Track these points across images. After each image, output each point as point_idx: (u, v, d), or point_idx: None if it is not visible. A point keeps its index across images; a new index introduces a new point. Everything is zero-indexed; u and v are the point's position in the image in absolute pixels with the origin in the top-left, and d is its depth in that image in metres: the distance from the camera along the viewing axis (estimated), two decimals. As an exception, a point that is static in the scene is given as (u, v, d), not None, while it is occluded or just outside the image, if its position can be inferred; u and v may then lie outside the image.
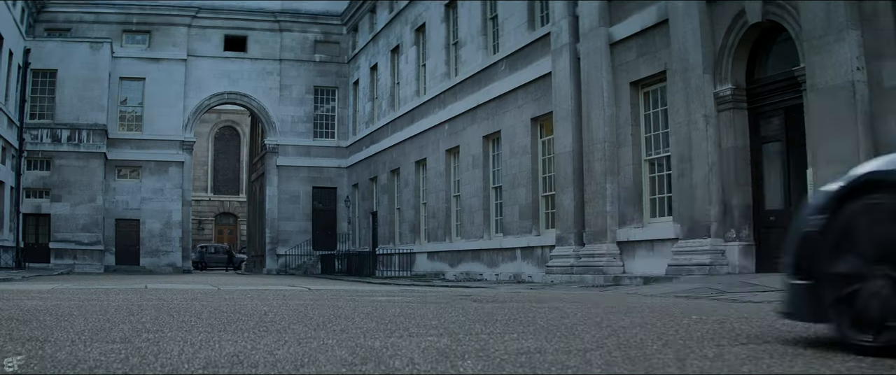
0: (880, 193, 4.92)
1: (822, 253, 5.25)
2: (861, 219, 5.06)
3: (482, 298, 12.96)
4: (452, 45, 36.08)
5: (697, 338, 6.09)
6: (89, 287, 16.82)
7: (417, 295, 14.61)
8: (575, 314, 9.15)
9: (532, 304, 11.18)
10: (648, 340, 5.98)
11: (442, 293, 16.15)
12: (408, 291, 16.18)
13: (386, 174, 44.20)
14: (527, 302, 11.98)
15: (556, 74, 24.97)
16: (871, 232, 4.96)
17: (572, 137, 23.92)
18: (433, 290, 18.05)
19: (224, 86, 53.10)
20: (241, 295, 13.30)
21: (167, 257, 51.07)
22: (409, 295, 14.28)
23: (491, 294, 15.46)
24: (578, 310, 9.87)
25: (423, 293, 15.92)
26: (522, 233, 28.02)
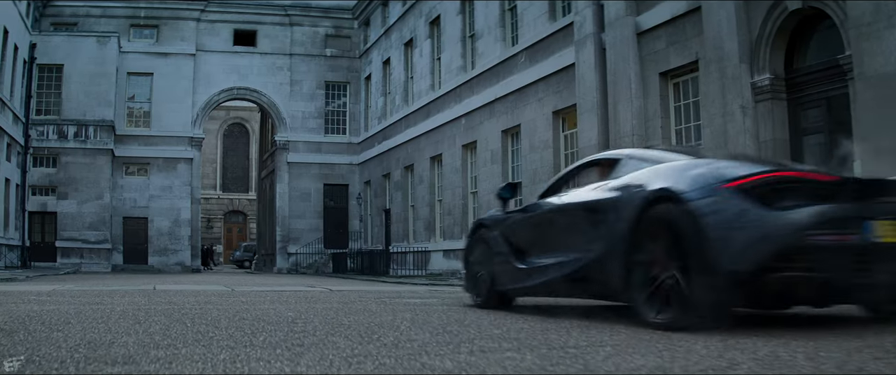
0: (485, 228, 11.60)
1: (469, 252, 11.37)
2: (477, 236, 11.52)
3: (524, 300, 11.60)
4: (469, 37, 35.41)
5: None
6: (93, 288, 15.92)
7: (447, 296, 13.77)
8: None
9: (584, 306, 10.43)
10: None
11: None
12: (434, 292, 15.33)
13: (399, 170, 43.56)
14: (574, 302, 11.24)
15: (580, 65, 24.25)
16: (476, 242, 11.41)
17: (598, 130, 23.18)
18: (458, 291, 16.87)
19: (233, 81, 52.45)
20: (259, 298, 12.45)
21: (176, 256, 50.40)
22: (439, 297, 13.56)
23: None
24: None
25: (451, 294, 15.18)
26: (544, 231, 27.24)
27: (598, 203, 8.69)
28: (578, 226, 9.22)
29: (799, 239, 6.63)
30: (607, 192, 8.64)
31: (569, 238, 9.40)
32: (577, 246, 9.03)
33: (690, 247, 7.08)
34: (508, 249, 10.84)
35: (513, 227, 11.02)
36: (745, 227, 6.85)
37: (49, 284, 18.84)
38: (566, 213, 9.75)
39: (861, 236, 6.70)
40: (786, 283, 6.84)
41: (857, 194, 7.02)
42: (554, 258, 9.61)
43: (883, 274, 6.75)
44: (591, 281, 8.78)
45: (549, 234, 10.18)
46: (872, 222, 6.75)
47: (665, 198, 7.51)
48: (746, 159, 8.86)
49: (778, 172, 7.17)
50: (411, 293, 15.05)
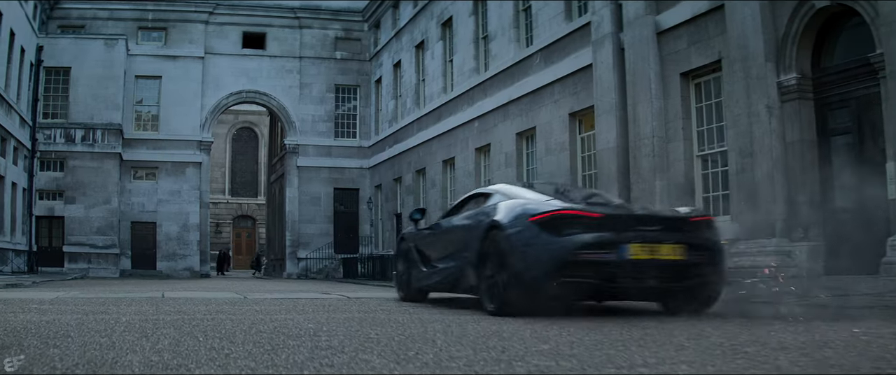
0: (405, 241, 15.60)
1: (396, 259, 15.01)
2: (400, 247, 15.51)
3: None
4: (482, 38, 35.03)
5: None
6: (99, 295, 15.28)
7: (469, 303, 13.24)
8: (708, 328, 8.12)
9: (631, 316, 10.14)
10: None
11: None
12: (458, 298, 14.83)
13: (411, 174, 43.20)
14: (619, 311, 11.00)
15: (598, 66, 23.86)
16: (400, 252, 15.32)
17: (616, 132, 22.78)
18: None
19: (242, 84, 52.10)
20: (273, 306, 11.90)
21: (184, 261, 50.03)
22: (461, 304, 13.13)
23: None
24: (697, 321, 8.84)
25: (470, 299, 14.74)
26: (560, 235, 26.81)
27: (468, 226, 12.53)
28: (457, 242, 12.88)
29: (573, 255, 9.98)
30: (473, 219, 12.46)
31: (452, 250, 13.10)
32: (456, 255, 12.77)
33: (505, 260, 10.67)
34: (419, 257, 14.74)
35: (421, 241, 14.96)
36: (537, 247, 10.24)
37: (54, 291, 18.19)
38: (452, 232, 13.51)
39: (618, 255, 9.93)
40: (568, 285, 10.11)
41: (620, 225, 10.26)
42: (444, 264, 13.42)
43: (632, 280, 10.22)
44: (462, 280, 12.38)
45: (442, 246, 13.86)
46: (628, 245, 10.00)
47: (495, 227, 11.17)
48: (567, 195, 12.60)
49: (563, 211, 10.46)
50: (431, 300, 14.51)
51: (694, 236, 10.89)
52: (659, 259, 10.28)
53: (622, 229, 10.24)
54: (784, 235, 16.89)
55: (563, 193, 12.74)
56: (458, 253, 12.66)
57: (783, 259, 16.61)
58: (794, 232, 16.89)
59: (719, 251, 11.22)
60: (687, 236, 10.78)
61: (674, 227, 10.90)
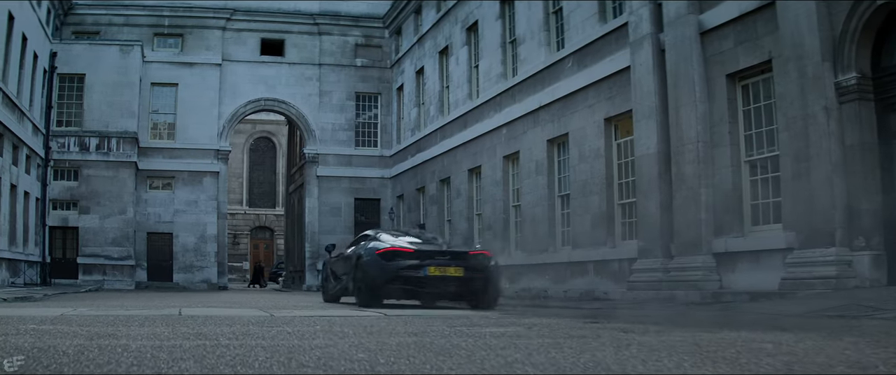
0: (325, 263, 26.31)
1: (322, 276, 25.44)
2: (323, 269, 26.30)
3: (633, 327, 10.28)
4: (509, 43, 34.25)
5: None
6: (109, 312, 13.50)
7: (527, 325, 11.56)
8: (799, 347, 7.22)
9: (705, 334, 9.17)
10: None
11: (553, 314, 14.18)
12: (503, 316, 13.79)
13: (435, 184, 42.46)
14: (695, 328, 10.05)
15: (636, 69, 23.06)
16: (324, 271, 25.65)
17: (657, 138, 21.95)
18: (535, 318, 13.28)
19: (261, 92, 51.41)
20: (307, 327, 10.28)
21: (202, 273, 49.30)
22: (513, 322, 11.90)
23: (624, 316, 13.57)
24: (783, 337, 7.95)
25: (525, 314, 13.70)
26: (595, 245, 25.98)
27: (350, 256, 20.66)
28: (346, 266, 20.86)
29: (396, 273, 17.16)
30: (353, 252, 20.46)
31: (344, 270, 21.33)
32: (346, 274, 20.84)
33: (364, 275, 18.24)
34: (331, 275, 23.62)
35: (333, 264, 23.83)
36: (378, 268, 17.62)
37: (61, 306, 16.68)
38: (345, 259, 21.61)
39: (423, 272, 17.03)
40: (396, 289, 17.55)
41: (424, 256, 17.70)
42: (341, 279, 21.75)
43: (435, 287, 17.35)
44: (348, 288, 20.44)
45: (341, 268, 22.09)
46: (428, 267, 17.16)
47: (360, 257, 18.99)
48: (406, 238, 19.84)
49: (392, 248, 18.08)
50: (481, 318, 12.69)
51: (471, 263, 18.47)
52: (447, 275, 17.86)
53: (425, 258, 18.04)
54: (844, 244, 16.05)
55: (405, 236, 20.66)
56: (346, 273, 20.95)
57: (843, 269, 15.77)
58: (854, 240, 16.04)
59: (491, 271, 18.88)
60: (466, 262, 18.39)
61: (458, 257, 18.53)
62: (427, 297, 18.04)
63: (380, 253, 18.32)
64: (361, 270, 18.72)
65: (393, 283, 17.78)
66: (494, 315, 13.07)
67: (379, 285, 17.96)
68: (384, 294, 18.15)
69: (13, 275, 36.84)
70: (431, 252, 18.46)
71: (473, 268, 18.29)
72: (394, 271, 17.75)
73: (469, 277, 18.01)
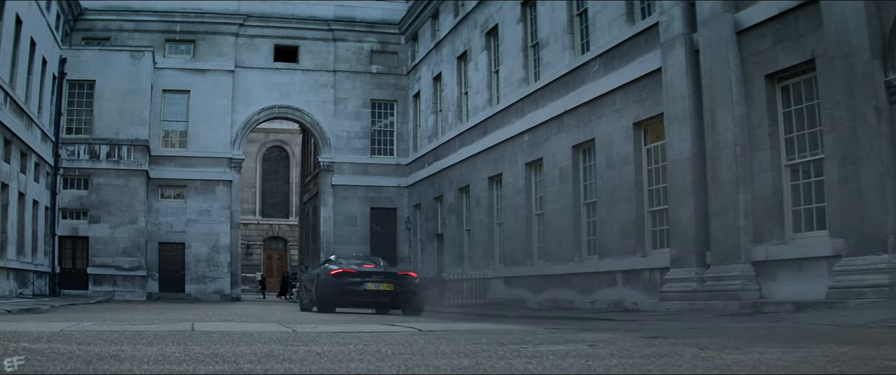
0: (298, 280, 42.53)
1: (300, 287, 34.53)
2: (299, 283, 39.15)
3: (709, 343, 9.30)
4: (531, 47, 33.63)
5: None
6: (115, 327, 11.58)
7: (588, 342, 10.39)
8: None
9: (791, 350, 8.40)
10: None
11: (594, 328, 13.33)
12: (555, 332, 12.19)
13: (453, 192, 41.82)
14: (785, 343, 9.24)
15: (668, 71, 22.40)
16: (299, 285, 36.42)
17: (691, 142, 21.27)
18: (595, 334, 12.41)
19: (274, 99, 50.91)
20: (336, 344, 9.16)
21: (214, 284, 48.68)
22: (566, 338, 10.72)
23: (668, 328, 12.73)
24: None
25: (578, 336, 12.35)
26: (624, 255, 25.27)
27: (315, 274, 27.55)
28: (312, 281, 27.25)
29: (344, 287, 24.64)
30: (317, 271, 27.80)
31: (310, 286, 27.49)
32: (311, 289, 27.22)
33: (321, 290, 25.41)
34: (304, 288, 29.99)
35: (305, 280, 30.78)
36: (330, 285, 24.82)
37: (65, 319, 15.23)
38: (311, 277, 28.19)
39: (362, 288, 24.76)
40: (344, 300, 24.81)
41: (364, 275, 25.15)
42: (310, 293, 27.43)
43: (371, 298, 24.99)
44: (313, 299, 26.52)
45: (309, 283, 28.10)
46: (366, 283, 24.88)
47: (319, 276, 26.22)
48: (353, 262, 27.18)
49: (341, 269, 25.33)
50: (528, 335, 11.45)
51: (399, 280, 25.40)
52: (380, 289, 24.79)
53: (365, 277, 24.96)
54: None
55: (353, 260, 28.60)
56: (311, 288, 27.25)
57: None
58: (909, 247, 15.31)
59: (415, 287, 25.78)
60: (395, 280, 25.37)
61: (389, 277, 25.51)
62: (369, 306, 25.76)
63: (332, 274, 25.46)
64: (319, 286, 25.83)
65: (341, 295, 25.05)
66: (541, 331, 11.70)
67: (332, 297, 25.10)
68: (336, 303, 25.13)
69: (21, 286, 36.21)
70: (369, 272, 25.80)
71: (401, 284, 25.55)
72: (342, 287, 24.99)
73: (397, 291, 25.25)
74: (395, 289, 25.04)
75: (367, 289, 24.95)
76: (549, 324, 15.11)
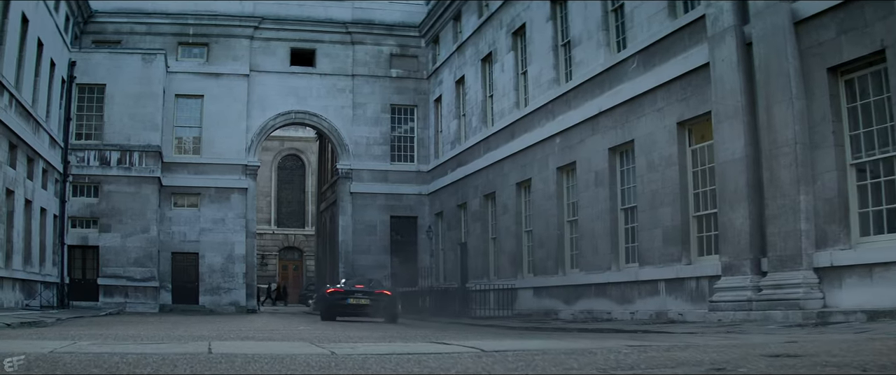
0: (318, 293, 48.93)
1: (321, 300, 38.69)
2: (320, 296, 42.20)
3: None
4: (562, 46, 32.55)
5: None
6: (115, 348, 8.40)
7: (693, 362, 8.30)
8: None
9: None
10: None
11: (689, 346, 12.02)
12: (643, 350, 10.03)
13: (478, 199, 40.78)
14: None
15: (717, 65, 21.24)
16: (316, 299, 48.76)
17: (744, 141, 20.08)
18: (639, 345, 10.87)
19: (291, 104, 49.98)
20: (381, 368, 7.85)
21: (229, 295, 47.63)
22: (675, 358, 8.95)
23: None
24: None
25: (681, 356, 10.44)
26: (668, 262, 24.09)
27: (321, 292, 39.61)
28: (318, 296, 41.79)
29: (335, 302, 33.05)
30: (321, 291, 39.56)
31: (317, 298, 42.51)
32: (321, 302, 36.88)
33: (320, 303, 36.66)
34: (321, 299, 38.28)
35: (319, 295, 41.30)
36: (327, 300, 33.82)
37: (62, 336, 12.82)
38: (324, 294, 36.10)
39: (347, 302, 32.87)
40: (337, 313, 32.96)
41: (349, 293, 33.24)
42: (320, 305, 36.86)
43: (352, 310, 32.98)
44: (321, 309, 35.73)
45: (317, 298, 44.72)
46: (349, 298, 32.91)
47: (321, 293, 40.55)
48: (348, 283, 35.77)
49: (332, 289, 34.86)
50: (609, 352, 9.50)
51: (374, 297, 32.74)
52: (360, 303, 32.51)
53: (349, 295, 32.91)
54: None
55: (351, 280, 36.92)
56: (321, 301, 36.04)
57: None
58: None
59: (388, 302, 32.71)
60: (372, 297, 32.75)
61: (367, 294, 32.85)
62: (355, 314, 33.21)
63: (328, 292, 34.71)
64: (318, 301, 38.62)
65: (333, 308, 33.18)
66: (625, 349, 9.39)
67: (326, 309, 33.71)
68: (330, 314, 33.16)
69: (28, 297, 35.10)
70: (353, 291, 33.45)
71: (376, 299, 32.91)
72: (334, 301, 33.30)
73: (373, 304, 32.72)
74: (371, 303, 32.79)
75: (350, 303, 33.03)
76: (613, 338, 13.87)
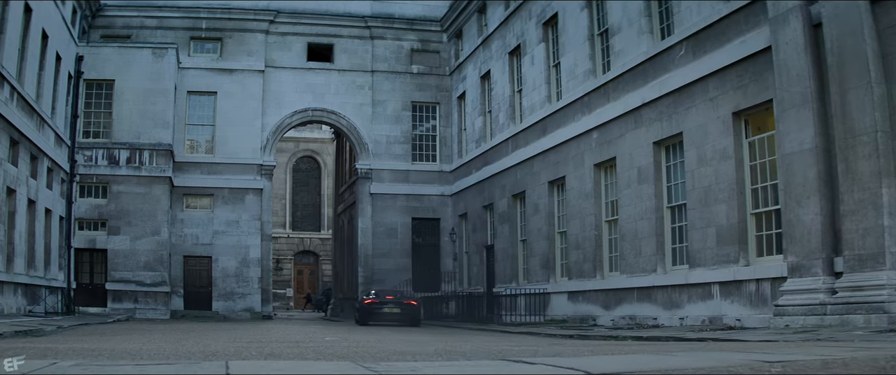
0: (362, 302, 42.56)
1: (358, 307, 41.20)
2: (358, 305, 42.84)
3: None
4: (598, 35, 31.23)
5: None
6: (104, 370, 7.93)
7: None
8: None
9: None
10: None
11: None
12: (784, 368, 8.43)
13: (505, 200, 39.52)
14: None
15: (780, 49, 19.73)
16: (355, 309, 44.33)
17: (813, 130, 18.56)
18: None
19: (308, 101, 48.80)
20: None
21: (244, 300, 46.33)
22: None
23: None
24: None
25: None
26: (722, 263, 22.57)
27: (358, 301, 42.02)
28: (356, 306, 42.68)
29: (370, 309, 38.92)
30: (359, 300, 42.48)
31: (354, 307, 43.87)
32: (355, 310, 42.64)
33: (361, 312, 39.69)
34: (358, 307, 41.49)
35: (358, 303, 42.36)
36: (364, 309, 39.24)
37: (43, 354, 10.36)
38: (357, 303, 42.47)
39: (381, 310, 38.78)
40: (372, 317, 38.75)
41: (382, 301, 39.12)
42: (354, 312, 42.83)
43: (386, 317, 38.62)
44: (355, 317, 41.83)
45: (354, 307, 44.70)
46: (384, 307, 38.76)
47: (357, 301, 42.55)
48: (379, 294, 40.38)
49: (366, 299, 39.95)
50: (749, 368, 7.88)
51: (405, 306, 38.70)
52: (392, 311, 38.31)
53: (383, 304, 38.50)
54: None
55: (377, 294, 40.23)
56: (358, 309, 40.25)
57: None
58: None
59: (415, 310, 38.87)
60: (402, 306, 38.61)
61: (398, 303, 38.72)
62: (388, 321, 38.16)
63: (365, 302, 39.26)
64: (357, 309, 40.42)
65: (368, 316, 38.39)
66: (762, 365, 8.43)
67: (363, 316, 38.61)
68: (366, 320, 38.29)
69: (31, 303, 33.62)
70: (386, 301, 38.63)
71: (406, 309, 38.51)
72: (369, 309, 38.55)
73: (403, 313, 38.24)
74: (402, 312, 38.48)
75: (384, 312, 38.45)
76: (697, 349, 12.22)
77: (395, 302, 39.18)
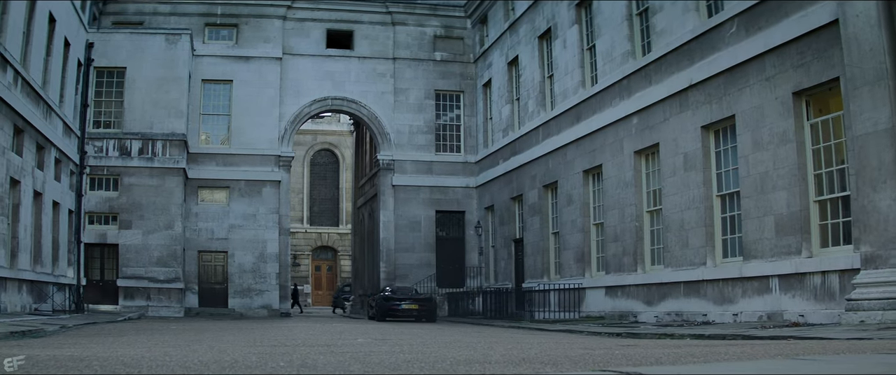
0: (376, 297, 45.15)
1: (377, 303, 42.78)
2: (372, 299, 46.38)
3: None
4: (636, 15, 29.97)
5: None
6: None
7: None
8: None
9: None
10: None
11: None
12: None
13: (536, 191, 38.36)
14: None
15: (849, 22, 18.28)
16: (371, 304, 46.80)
17: (890, 109, 17.11)
18: None
19: (327, 90, 47.86)
20: None
21: (261, 297, 45.36)
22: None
23: None
24: None
25: None
26: (782, 255, 21.17)
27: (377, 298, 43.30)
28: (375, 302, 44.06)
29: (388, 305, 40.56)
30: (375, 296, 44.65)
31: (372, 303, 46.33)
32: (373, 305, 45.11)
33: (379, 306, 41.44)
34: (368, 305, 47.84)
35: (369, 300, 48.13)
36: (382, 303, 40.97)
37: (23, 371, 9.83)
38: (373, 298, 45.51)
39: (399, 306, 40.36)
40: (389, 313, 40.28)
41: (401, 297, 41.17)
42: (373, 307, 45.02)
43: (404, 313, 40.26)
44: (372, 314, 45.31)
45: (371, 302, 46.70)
46: (402, 302, 40.61)
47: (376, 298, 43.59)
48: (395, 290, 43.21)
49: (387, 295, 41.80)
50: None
51: (422, 302, 41.02)
52: (410, 308, 40.45)
53: (401, 298, 40.99)
54: None
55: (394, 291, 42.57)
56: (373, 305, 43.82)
57: None
58: None
59: (432, 305, 41.31)
60: (420, 302, 40.98)
61: (416, 299, 41.21)
62: (405, 317, 39.66)
63: (382, 295, 41.79)
64: (376, 305, 42.03)
65: (387, 312, 39.93)
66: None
67: (382, 312, 40.17)
68: (384, 315, 39.91)
69: (38, 300, 32.34)
70: (403, 297, 40.89)
71: (422, 304, 40.50)
72: (388, 305, 40.26)
73: (421, 308, 40.22)
74: (419, 307, 40.48)
75: (402, 307, 40.24)
76: (790, 352, 10.70)
77: (413, 299, 41.67)
